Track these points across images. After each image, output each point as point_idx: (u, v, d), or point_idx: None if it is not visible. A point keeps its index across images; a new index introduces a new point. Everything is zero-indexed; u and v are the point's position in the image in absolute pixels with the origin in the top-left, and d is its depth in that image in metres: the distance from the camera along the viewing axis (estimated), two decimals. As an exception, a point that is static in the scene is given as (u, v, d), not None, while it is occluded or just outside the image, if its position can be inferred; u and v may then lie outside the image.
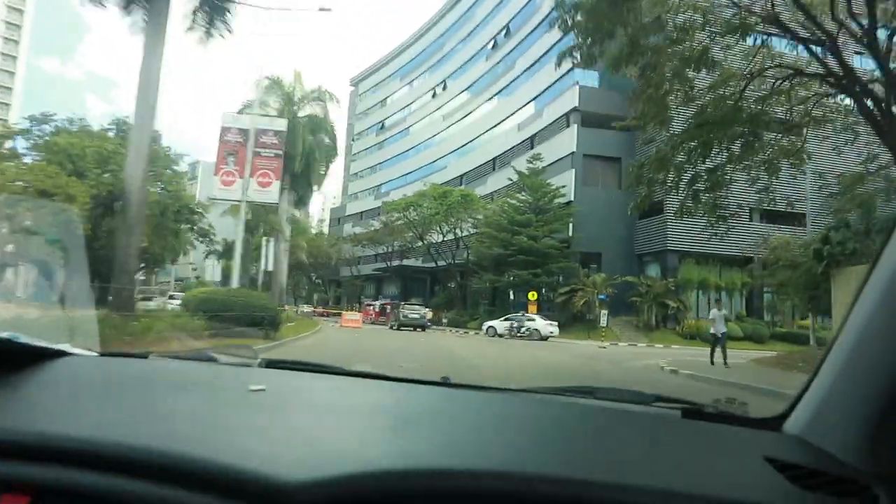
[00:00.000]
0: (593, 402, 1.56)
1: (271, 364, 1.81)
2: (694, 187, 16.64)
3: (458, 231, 48.83)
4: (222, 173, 20.64)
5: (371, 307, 51.34)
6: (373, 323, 42.71)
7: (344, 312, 36.37)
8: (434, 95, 67.43)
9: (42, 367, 1.39)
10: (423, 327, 34.76)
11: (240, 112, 27.08)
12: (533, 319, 34.20)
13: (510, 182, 42.62)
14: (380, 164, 75.20)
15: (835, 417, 1.12)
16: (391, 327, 36.38)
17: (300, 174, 32.31)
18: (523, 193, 41.17)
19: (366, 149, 79.86)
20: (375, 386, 1.67)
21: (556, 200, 40.49)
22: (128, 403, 1.24)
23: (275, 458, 0.92)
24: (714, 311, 18.22)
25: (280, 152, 21.56)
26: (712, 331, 17.77)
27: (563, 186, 40.34)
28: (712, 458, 1.12)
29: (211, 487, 0.86)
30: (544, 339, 32.14)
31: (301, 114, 31.88)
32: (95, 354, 1.69)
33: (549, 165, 42.20)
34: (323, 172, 35.06)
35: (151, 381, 1.49)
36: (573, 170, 41.55)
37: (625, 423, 1.37)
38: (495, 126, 54.60)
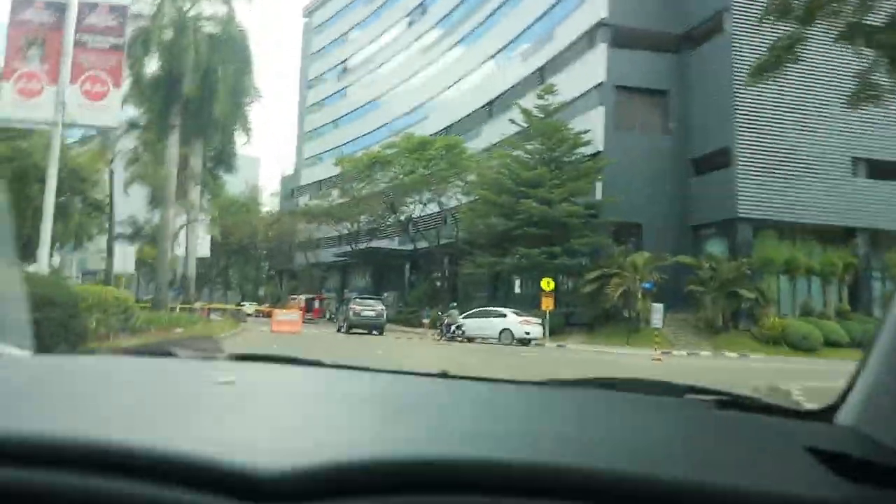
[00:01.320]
0: (616, 394, 1.61)
1: (239, 357, 1.83)
2: None
3: (443, 200, 42.31)
4: (18, 77, 14.14)
5: (295, 301, 48.35)
6: (311, 322, 37.66)
7: (275, 311, 29.86)
8: (410, 23, 60.92)
9: None
10: (380, 329, 32.46)
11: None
12: (503, 315, 30.00)
13: (513, 129, 36.04)
14: (342, 117, 68.77)
15: (891, 406, 1.16)
16: (339, 330, 33.88)
17: (201, 111, 25.60)
18: (532, 143, 34.66)
19: (324, 98, 73.50)
20: (362, 377, 1.72)
21: (579, 150, 34.06)
22: (74, 401, 1.22)
23: (252, 448, 0.93)
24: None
25: (120, 42, 15.08)
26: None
27: (588, 131, 33.95)
28: (751, 450, 1.15)
29: (179, 480, 0.87)
30: (524, 342, 28.66)
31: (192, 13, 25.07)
32: (29, 353, 1.70)
33: (566, 105, 35.72)
34: (239, 109, 28.45)
35: (100, 377, 1.52)
36: (601, 107, 35.15)
37: (652, 414, 1.41)
38: (491, 58, 47.99)
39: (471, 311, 32.16)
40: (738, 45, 32.64)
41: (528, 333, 28.96)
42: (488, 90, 47.57)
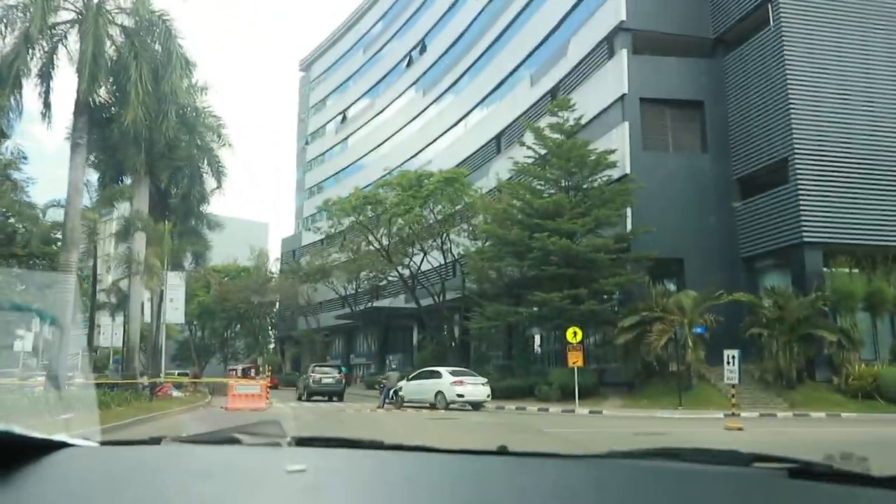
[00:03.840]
0: (680, 465, 1.56)
1: (303, 442, 1.85)
2: None
3: (447, 247, 36.62)
4: None
5: (233, 373, 47.62)
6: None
7: (232, 382, 23.88)
8: (409, 64, 56.39)
9: (41, 462, 1.42)
10: (339, 395, 32.81)
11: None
12: (438, 375, 26.35)
13: (525, 158, 30.41)
14: (344, 169, 63.97)
15: None
16: (300, 398, 33.06)
17: (111, 123, 20.33)
18: (548, 169, 29.09)
19: (325, 152, 68.98)
20: (423, 459, 1.74)
21: (604, 173, 28.37)
22: (141, 495, 1.26)
23: None
24: None
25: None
26: None
27: (612, 151, 28.24)
28: None
29: None
30: (476, 406, 25.19)
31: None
32: (97, 444, 1.74)
33: (584, 126, 30.27)
34: (191, 138, 23.31)
35: (166, 468, 1.54)
36: (625, 123, 29.52)
37: (721, 487, 1.37)
38: (498, 87, 42.89)
39: (414, 373, 28.69)
40: (790, 37, 27.23)
41: (460, 396, 24.99)
42: (496, 123, 42.38)
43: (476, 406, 25.11)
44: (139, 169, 21.87)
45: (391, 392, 26.75)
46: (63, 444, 1.56)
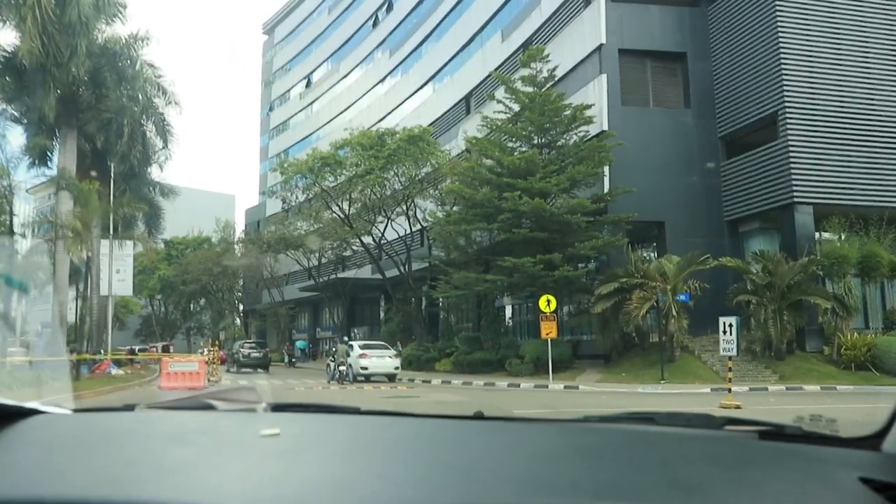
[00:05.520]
0: (655, 428, 1.59)
1: (279, 408, 1.84)
2: None
3: (413, 210, 34.24)
4: None
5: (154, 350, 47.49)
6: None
7: (165, 359, 21.26)
8: (375, 23, 53.53)
9: (13, 428, 1.43)
10: (265, 367, 35.25)
11: None
12: (353, 348, 25.96)
13: (495, 113, 27.93)
14: (309, 136, 61.14)
15: None
16: (228, 371, 34.49)
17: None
18: (519, 125, 26.73)
19: (288, 119, 66.04)
20: (400, 423, 1.74)
21: (580, 129, 26.10)
22: (115, 459, 1.25)
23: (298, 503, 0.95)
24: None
25: None
26: None
27: (589, 106, 25.92)
28: (798, 482, 1.14)
29: None
30: (391, 378, 24.92)
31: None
32: (70, 411, 1.71)
33: (560, 79, 27.97)
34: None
35: (141, 434, 1.52)
36: (603, 76, 27.20)
37: (694, 449, 1.38)
38: (467, 44, 40.33)
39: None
40: (780, -21, 25.04)
41: (364, 369, 24.71)
42: (465, 83, 39.86)
43: (391, 378, 24.79)
44: (48, 113, 19.07)
45: (340, 368, 25.02)
46: (36, 412, 1.54)
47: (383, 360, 25.14)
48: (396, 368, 25.31)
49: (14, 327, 34.54)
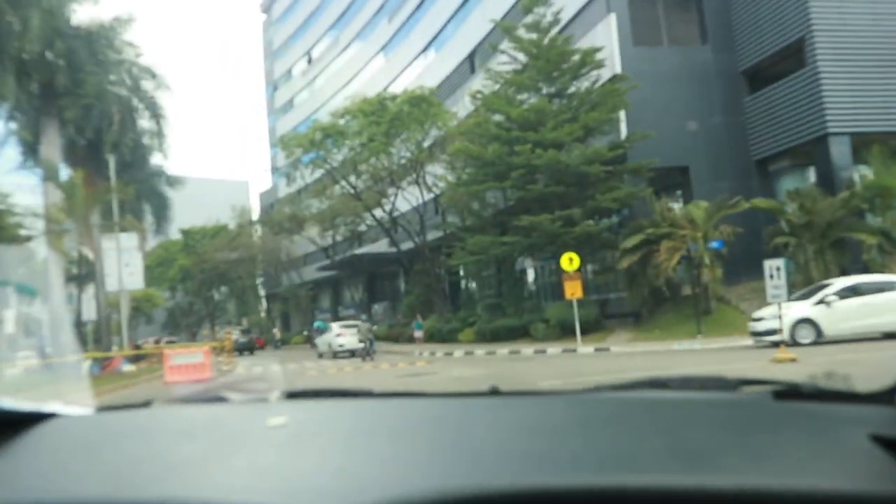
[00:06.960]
0: (668, 394, 1.58)
1: (291, 395, 1.83)
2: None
3: (422, 177, 32.68)
4: None
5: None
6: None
7: (167, 352, 20.05)
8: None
9: (32, 432, 1.42)
10: (251, 350, 38.60)
11: None
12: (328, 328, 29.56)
13: (500, 65, 26.18)
14: (313, 113, 59.30)
15: None
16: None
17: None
18: (525, 74, 24.99)
19: (292, 97, 64.57)
20: (411, 405, 1.72)
21: (590, 74, 24.33)
22: (130, 459, 1.27)
23: (299, 493, 0.98)
24: None
25: None
26: None
27: (599, 49, 24.10)
28: (812, 442, 1.14)
29: None
30: (367, 354, 25.44)
31: None
32: (90, 412, 1.72)
33: (566, 25, 26.18)
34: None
35: (154, 431, 1.54)
36: (611, 15, 25.32)
37: (706, 413, 1.36)
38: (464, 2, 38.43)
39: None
40: None
41: (341, 346, 28.27)
42: (468, 41, 38.01)
43: (365, 353, 25.38)
44: (6, 94, 17.70)
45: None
46: (55, 415, 1.54)
47: (353, 338, 27.65)
48: (361, 343, 26.01)
49: (25, 330, 33.74)
